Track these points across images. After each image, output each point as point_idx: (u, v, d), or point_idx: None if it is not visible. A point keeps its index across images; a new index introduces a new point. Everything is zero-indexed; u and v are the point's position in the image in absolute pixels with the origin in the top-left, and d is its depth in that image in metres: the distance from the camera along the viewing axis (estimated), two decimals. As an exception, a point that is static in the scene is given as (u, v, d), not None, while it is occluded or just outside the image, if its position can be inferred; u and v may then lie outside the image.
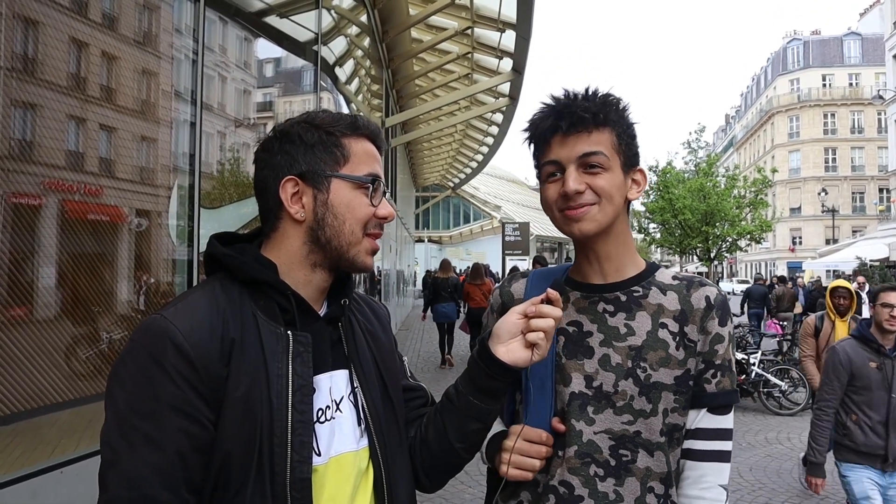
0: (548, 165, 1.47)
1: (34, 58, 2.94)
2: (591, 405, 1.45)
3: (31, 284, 2.93)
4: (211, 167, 4.80)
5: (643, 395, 1.43)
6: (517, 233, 27.02)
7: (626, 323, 1.48)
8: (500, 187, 60.10)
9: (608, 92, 1.49)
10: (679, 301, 1.49)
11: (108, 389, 1.16)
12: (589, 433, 1.44)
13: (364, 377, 1.38)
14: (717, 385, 1.48)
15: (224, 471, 1.15)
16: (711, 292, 1.50)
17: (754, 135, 67.68)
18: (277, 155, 1.31)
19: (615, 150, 1.44)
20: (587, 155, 1.42)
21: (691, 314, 1.47)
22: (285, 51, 7.02)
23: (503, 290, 1.71)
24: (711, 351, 1.47)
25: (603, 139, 1.43)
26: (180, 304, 1.21)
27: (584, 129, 1.42)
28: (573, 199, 1.42)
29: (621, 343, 1.46)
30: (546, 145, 1.47)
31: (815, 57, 59.72)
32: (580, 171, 1.42)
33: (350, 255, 1.31)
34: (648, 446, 1.43)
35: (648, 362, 1.44)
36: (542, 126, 1.47)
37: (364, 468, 1.34)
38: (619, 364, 1.45)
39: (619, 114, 1.47)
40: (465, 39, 14.21)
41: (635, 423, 1.43)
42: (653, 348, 1.45)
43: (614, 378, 1.45)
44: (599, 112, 1.43)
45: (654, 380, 1.43)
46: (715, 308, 1.48)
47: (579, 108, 1.42)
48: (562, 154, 1.44)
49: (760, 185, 32.46)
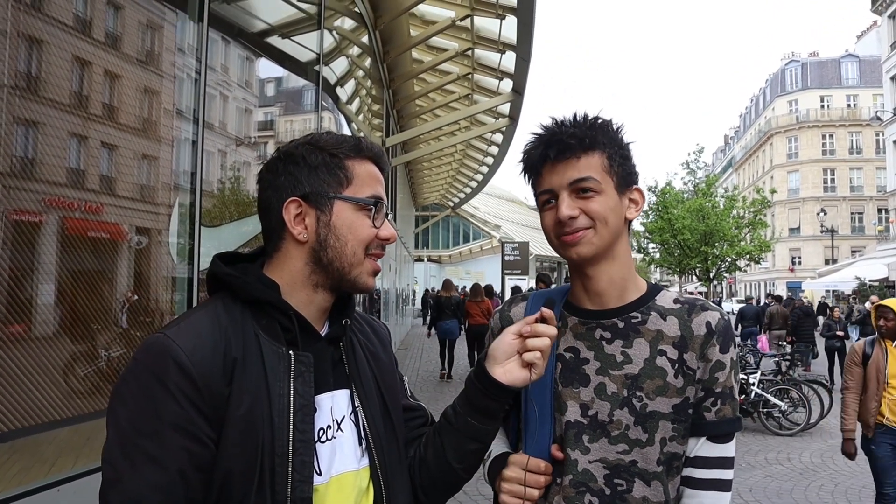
0: (543, 194, 1.48)
1: (37, 76, 2.96)
2: (587, 434, 1.44)
3: (30, 301, 2.93)
4: (212, 185, 4.82)
5: (639, 424, 1.41)
6: (517, 252, 27.04)
7: (622, 350, 1.46)
8: (499, 207, 60.21)
9: (597, 115, 1.49)
10: (679, 327, 1.46)
11: (111, 407, 1.16)
12: (584, 462, 1.43)
13: (365, 397, 1.39)
14: (717, 413, 1.45)
15: (225, 489, 1.16)
16: (713, 317, 1.46)
17: (753, 155, 67.91)
18: (281, 176, 1.32)
19: (606, 173, 1.44)
20: (578, 181, 1.42)
21: (691, 341, 1.44)
22: (287, 70, 7.07)
23: (503, 313, 1.70)
24: (712, 378, 1.44)
25: (592, 163, 1.43)
26: (183, 324, 1.21)
27: (573, 154, 1.43)
28: (567, 224, 1.42)
29: (617, 371, 1.45)
30: (538, 175, 1.49)
31: (813, 78, 60.11)
32: (573, 197, 1.42)
33: (352, 276, 1.32)
34: (645, 476, 1.41)
35: (645, 391, 1.42)
36: (533, 156, 1.48)
37: (365, 487, 1.34)
38: (614, 393, 1.44)
39: (609, 135, 1.47)
40: (465, 60, 14.32)
41: (631, 453, 1.41)
42: (650, 377, 1.43)
43: (609, 407, 1.43)
44: (586, 137, 1.43)
45: (650, 409, 1.41)
46: (716, 335, 1.44)
47: (566, 135, 1.43)
48: (553, 182, 1.45)
49: (759, 206, 32.52)
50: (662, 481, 1.42)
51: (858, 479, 7.42)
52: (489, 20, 11.92)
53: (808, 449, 8.90)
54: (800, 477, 7.54)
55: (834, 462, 8.23)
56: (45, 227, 3.02)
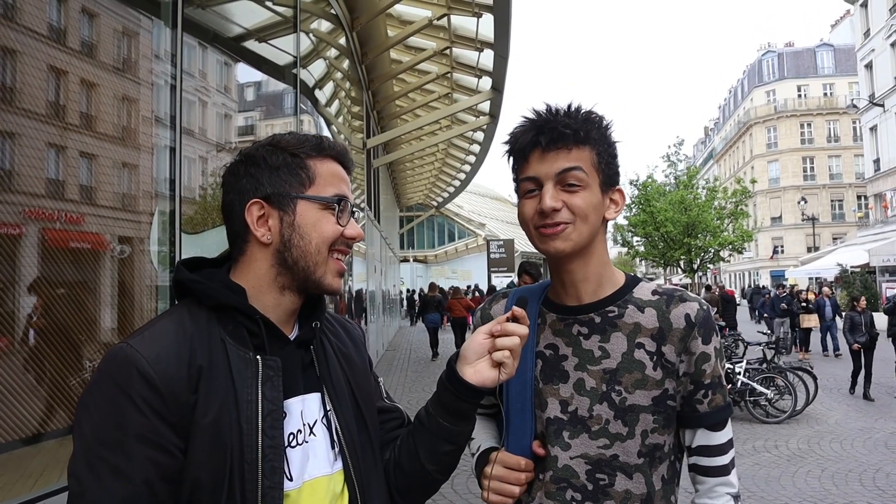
0: (526, 182, 1.44)
1: (12, 86, 2.94)
2: (567, 430, 1.44)
3: (11, 314, 2.91)
4: (192, 192, 4.79)
5: (619, 418, 1.41)
6: (502, 250, 27.13)
7: (600, 346, 1.45)
8: (483, 205, 60.27)
9: (591, 109, 1.46)
10: (657, 318, 1.44)
11: (77, 419, 1.14)
12: (565, 458, 1.43)
13: (337, 400, 1.37)
14: (710, 404, 1.45)
15: (194, 498, 1.14)
16: (692, 309, 1.44)
17: (733, 146, 68.43)
18: (243, 178, 1.30)
19: (595, 169, 1.42)
20: (566, 171, 1.39)
21: (670, 333, 1.43)
22: (265, 75, 7.04)
23: (483, 311, 1.69)
24: (699, 371, 1.43)
25: (583, 157, 1.41)
26: (147, 332, 1.19)
27: (565, 145, 1.40)
28: (549, 216, 1.39)
29: (595, 367, 1.44)
30: (524, 161, 1.45)
31: (789, 68, 60.66)
32: (558, 189, 1.40)
33: (317, 277, 1.30)
34: (626, 469, 1.41)
35: (623, 385, 1.41)
36: (522, 141, 1.44)
37: (339, 491, 1.33)
38: (593, 388, 1.43)
39: (601, 132, 1.45)
40: (443, 59, 14.33)
41: (612, 447, 1.41)
42: (628, 370, 1.42)
43: (589, 402, 1.43)
44: (580, 129, 1.40)
45: (629, 402, 1.41)
46: (697, 326, 1.42)
47: (560, 125, 1.40)
48: (540, 170, 1.41)
49: (741, 196, 32.78)
50: (644, 473, 1.42)
51: (845, 464, 7.51)
52: (466, 18, 11.95)
53: (794, 436, 8.99)
54: (787, 464, 7.62)
55: (820, 448, 8.32)
56: (25, 238, 3.00)
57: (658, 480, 1.45)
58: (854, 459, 7.71)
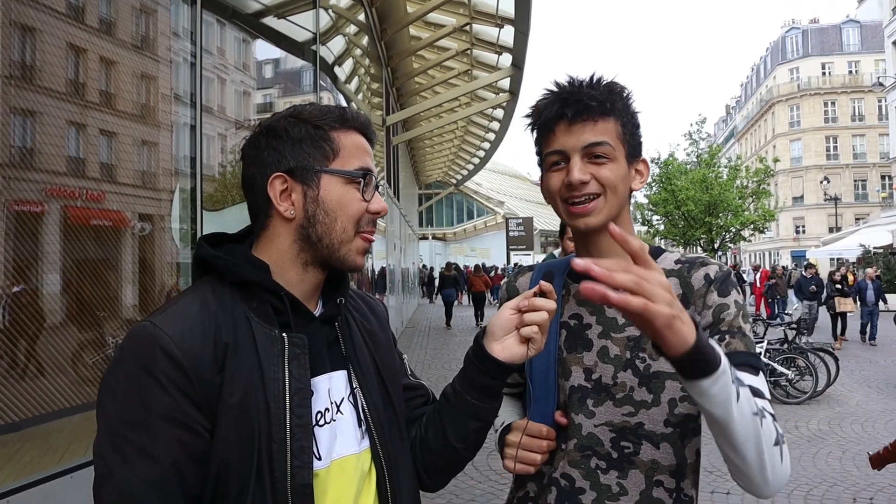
0: (552, 155, 1.43)
1: (32, 65, 2.94)
2: (591, 398, 1.43)
3: (36, 291, 2.94)
4: (212, 170, 4.80)
5: (643, 385, 1.39)
6: (521, 228, 27.09)
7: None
8: (502, 183, 60.12)
9: (613, 80, 1.45)
10: (681, 285, 1.43)
11: (99, 399, 1.12)
12: (589, 426, 1.42)
13: (363, 377, 1.35)
14: (728, 346, 1.35)
15: (223, 479, 1.12)
16: (712, 269, 1.43)
17: (755, 125, 67.51)
18: (264, 151, 1.26)
19: (620, 140, 1.40)
20: (593, 145, 1.38)
21: (692, 295, 1.42)
22: (284, 51, 7.01)
23: (510, 285, 1.68)
24: (717, 320, 1.39)
25: (608, 129, 1.39)
26: (170, 310, 1.16)
27: (590, 117, 1.38)
28: (577, 189, 1.38)
29: (619, 334, 1.43)
30: (550, 133, 1.42)
31: (813, 45, 59.51)
32: (585, 161, 1.38)
33: (341, 254, 1.27)
34: (653, 438, 1.39)
35: (648, 352, 1.40)
36: (547, 113, 1.42)
37: (367, 470, 1.31)
38: (617, 355, 1.42)
39: (625, 103, 1.43)
40: (463, 36, 14.21)
41: (636, 415, 1.39)
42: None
43: (613, 370, 1.42)
44: (606, 101, 1.38)
45: (654, 369, 1.39)
46: (714, 282, 1.41)
47: (585, 97, 1.38)
48: (567, 143, 1.39)
49: (763, 175, 32.37)
50: (674, 444, 1.39)
51: (866, 445, 7.45)
52: (486, -6, 11.82)
53: (815, 417, 8.93)
54: (808, 444, 7.58)
55: (841, 429, 8.26)
56: (48, 216, 3.02)
57: (692, 454, 1.42)
58: (875, 441, 7.64)
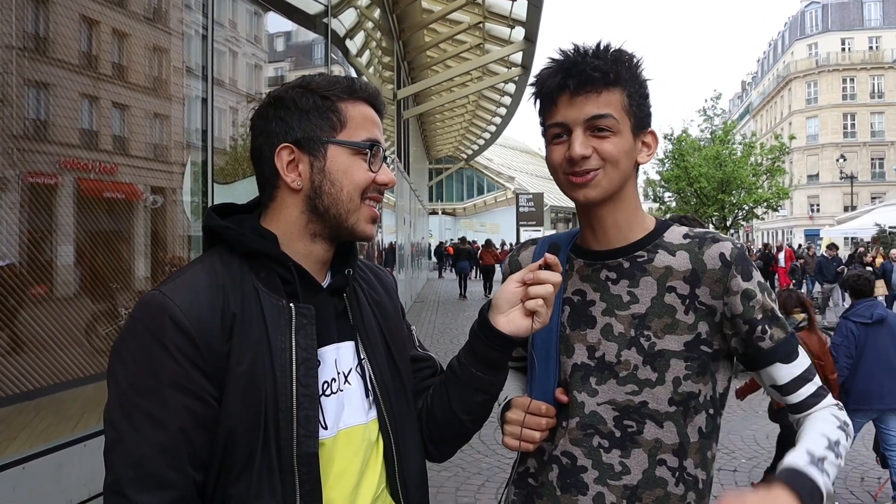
0: (553, 127, 1.39)
1: (45, 37, 2.95)
2: (594, 376, 1.41)
3: (49, 263, 2.97)
4: (224, 143, 4.81)
5: (647, 364, 1.37)
6: (531, 203, 26.95)
7: (629, 290, 1.41)
8: (513, 158, 59.82)
9: (620, 48, 1.39)
10: (690, 260, 1.39)
11: (110, 368, 1.14)
12: (592, 404, 1.41)
13: (371, 348, 1.36)
14: (772, 338, 1.38)
15: (230, 447, 1.14)
16: (726, 248, 1.38)
17: (771, 101, 66.69)
18: (272, 122, 1.27)
19: (625, 112, 1.36)
20: (595, 118, 1.33)
21: (704, 274, 1.37)
22: (295, 24, 6.98)
23: (512, 259, 1.65)
24: (748, 309, 1.37)
25: (613, 100, 1.34)
26: (179, 279, 1.18)
27: (594, 89, 1.33)
28: (578, 163, 1.34)
29: (624, 312, 1.41)
30: (552, 105, 1.38)
31: (833, 20, 58.51)
32: (587, 135, 1.34)
33: (349, 224, 1.28)
34: (656, 417, 1.38)
35: (653, 330, 1.38)
36: (549, 84, 1.37)
37: (374, 440, 1.33)
38: (621, 333, 1.40)
39: (632, 72, 1.38)
40: (475, 8, 14.07)
41: (640, 394, 1.38)
42: (658, 315, 1.38)
43: (616, 348, 1.40)
44: (610, 71, 1.33)
45: (658, 348, 1.37)
46: (734, 264, 1.37)
47: (589, 67, 1.33)
48: (569, 116, 1.35)
49: (777, 153, 32.04)
50: (677, 423, 1.38)
51: (873, 425, 7.46)
52: (500, -33, 11.68)
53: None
54: (815, 423, 7.59)
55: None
56: (61, 188, 3.04)
57: (694, 433, 1.41)
58: (883, 421, 7.66)
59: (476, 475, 5.79)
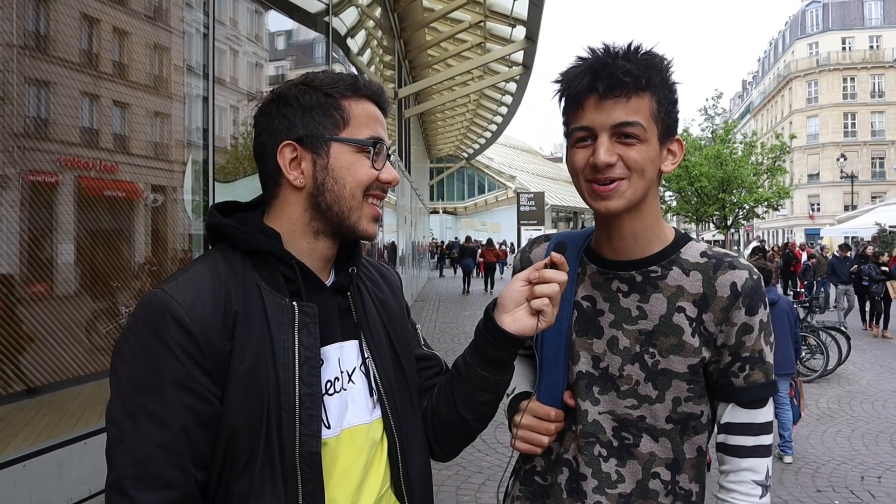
0: (578, 130, 1.33)
1: (46, 35, 2.95)
2: (597, 386, 1.40)
3: (50, 261, 2.97)
4: (224, 141, 4.81)
5: (649, 381, 1.36)
6: (532, 203, 27.00)
7: (638, 305, 1.38)
8: (514, 157, 59.77)
9: (651, 51, 1.33)
10: (702, 284, 1.35)
11: (112, 366, 1.14)
12: (594, 413, 1.40)
13: (375, 347, 1.35)
14: (746, 379, 1.36)
15: (232, 446, 1.14)
16: (740, 277, 1.34)
17: (772, 100, 66.64)
18: (275, 119, 1.26)
19: (653, 119, 1.30)
20: (623, 125, 1.27)
21: (713, 301, 1.34)
22: (296, 23, 6.97)
23: (523, 255, 1.61)
24: (738, 342, 1.34)
25: (642, 106, 1.28)
26: (181, 278, 1.17)
27: (623, 93, 1.27)
28: (602, 171, 1.29)
29: (631, 326, 1.38)
30: (578, 108, 1.32)
31: (834, 19, 58.47)
32: (613, 141, 1.29)
33: (351, 222, 1.27)
34: (652, 432, 1.37)
35: (658, 348, 1.36)
36: (576, 85, 1.30)
37: (378, 439, 1.32)
38: (626, 348, 1.38)
39: (663, 76, 1.32)
40: (476, 7, 14.07)
41: (639, 408, 1.37)
42: (664, 334, 1.35)
43: (620, 361, 1.38)
44: (642, 76, 1.27)
45: (662, 366, 1.36)
46: (742, 296, 1.33)
47: (620, 70, 1.27)
48: (595, 120, 1.29)
49: (778, 152, 32.02)
50: (673, 439, 1.38)
51: (876, 425, 7.45)
52: (501, -34, 11.67)
53: (825, 395, 8.92)
54: (817, 423, 7.58)
55: (851, 408, 8.26)
56: (62, 187, 3.04)
57: (692, 450, 1.40)
58: (885, 420, 7.65)
59: (477, 474, 5.79)
